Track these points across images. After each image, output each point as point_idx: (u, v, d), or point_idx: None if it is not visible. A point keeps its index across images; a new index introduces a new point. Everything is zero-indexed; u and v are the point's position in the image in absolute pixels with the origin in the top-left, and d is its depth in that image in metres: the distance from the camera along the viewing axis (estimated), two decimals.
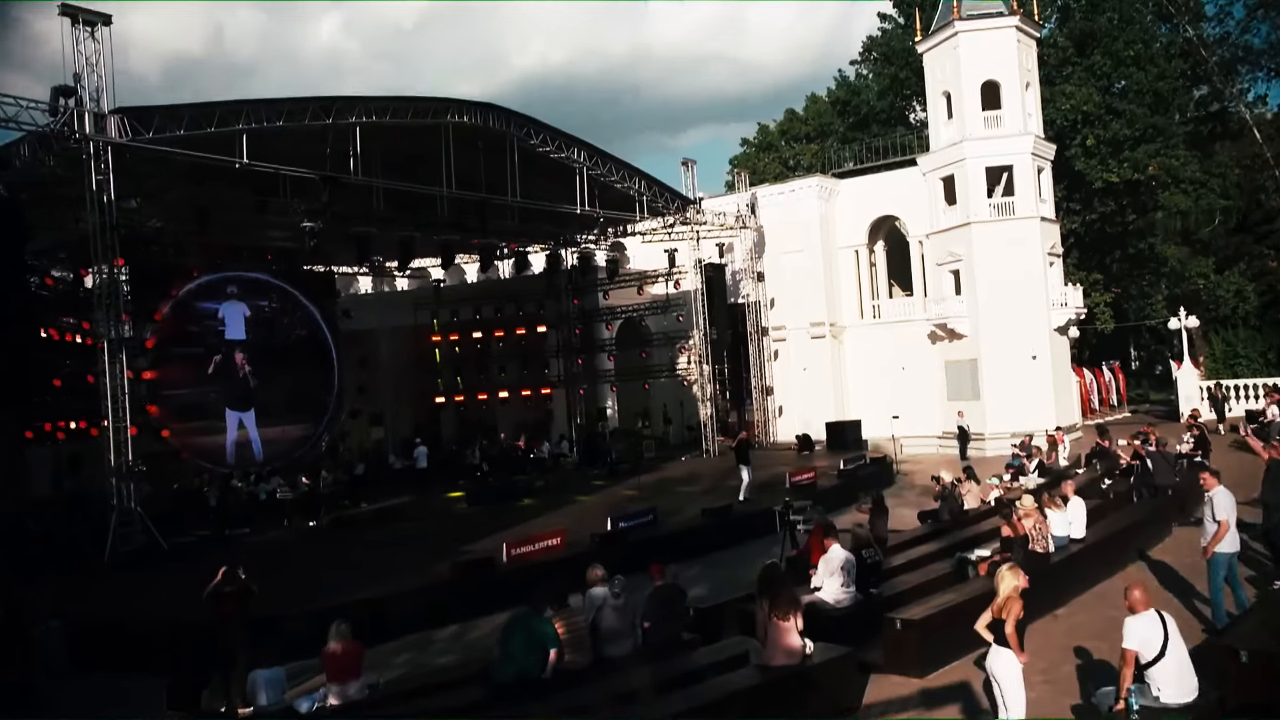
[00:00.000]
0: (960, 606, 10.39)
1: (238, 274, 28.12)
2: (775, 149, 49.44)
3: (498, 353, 33.65)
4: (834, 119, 46.53)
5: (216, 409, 27.22)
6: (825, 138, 45.93)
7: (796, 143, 48.56)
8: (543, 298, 32.91)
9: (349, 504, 24.03)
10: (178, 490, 23.34)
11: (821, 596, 11.10)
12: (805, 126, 48.74)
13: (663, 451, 32.35)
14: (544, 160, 25.42)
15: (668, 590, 10.61)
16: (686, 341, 32.77)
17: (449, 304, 33.92)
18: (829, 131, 46.43)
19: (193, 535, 20.21)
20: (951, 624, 10.09)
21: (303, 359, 29.42)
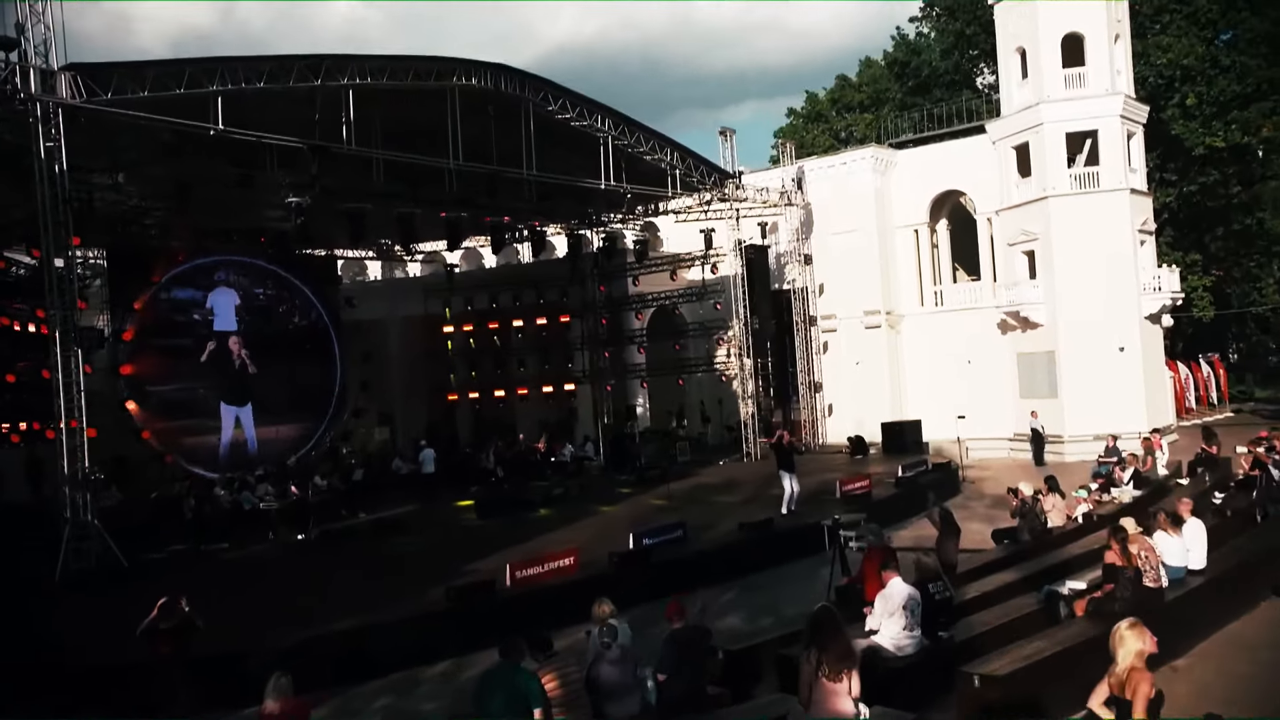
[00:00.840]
0: (1054, 659, 8.81)
1: (227, 258, 27.54)
2: (825, 120, 47.62)
3: (516, 345, 32.75)
4: (891, 84, 44.62)
5: (207, 405, 26.64)
6: (881, 105, 44.05)
7: (849, 112, 46.70)
8: (566, 284, 31.87)
9: (345, 514, 22.84)
10: (156, 499, 22.32)
11: (879, 641, 9.56)
12: (858, 94, 46.83)
13: (698, 454, 31.02)
14: (564, 130, 24.23)
15: (689, 633, 9.15)
16: (725, 332, 31.41)
17: (463, 291, 32.88)
18: (885, 98, 44.55)
19: (165, 551, 19.28)
20: (1043, 680, 8.52)
21: (301, 352, 28.89)
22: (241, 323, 27.69)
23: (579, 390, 32.50)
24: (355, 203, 21.26)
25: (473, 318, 32.47)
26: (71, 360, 16.46)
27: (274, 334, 28.48)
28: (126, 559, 17.31)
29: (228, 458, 26.88)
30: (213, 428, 26.90)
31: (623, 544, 16.14)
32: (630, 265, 31.46)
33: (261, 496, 21.11)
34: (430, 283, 34.44)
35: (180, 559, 18.82)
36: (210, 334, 26.88)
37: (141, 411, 25.05)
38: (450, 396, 32.94)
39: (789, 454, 19.55)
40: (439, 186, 23.06)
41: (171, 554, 19.17)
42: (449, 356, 32.99)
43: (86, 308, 17.71)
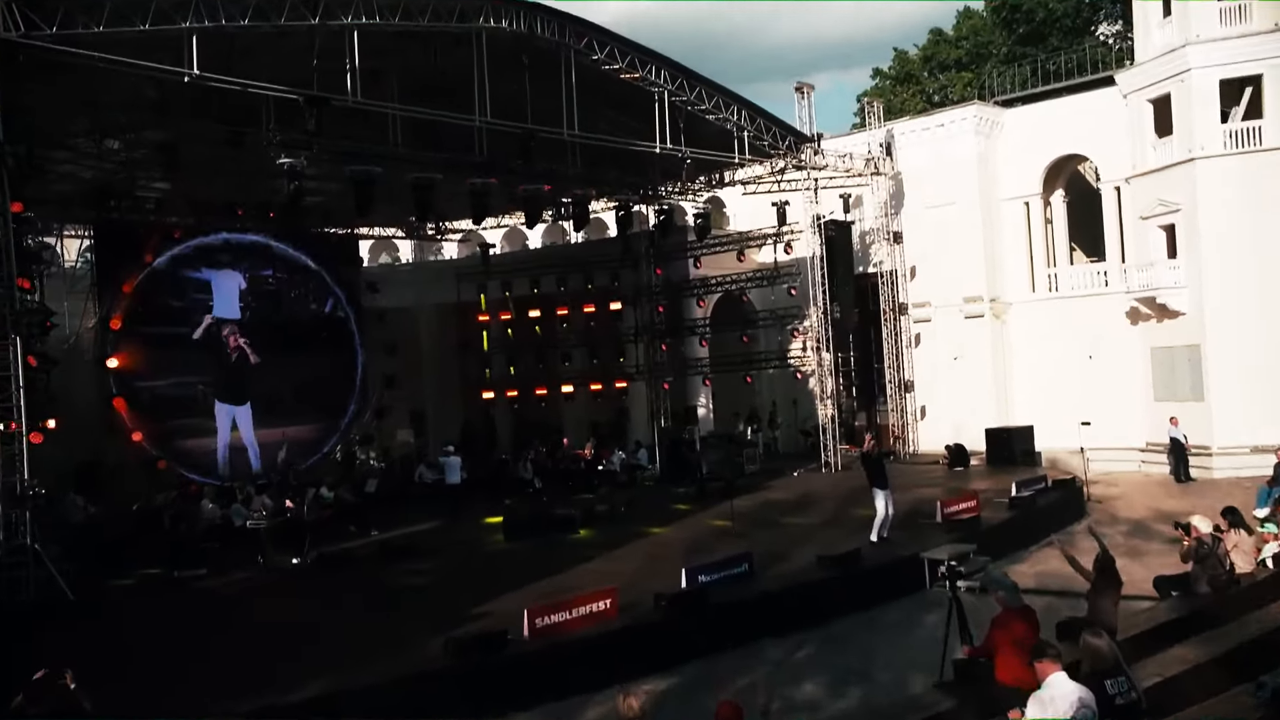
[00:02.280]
0: None
1: (232, 236, 26.02)
2: (915, 80, 44.46)
3: (561, 336, 31.04)
4: (995, 34, 41.26)
5: (207, 404, 25.23)
6: (983, 62, 40.73)
7: (944, 71, 43.43)
8: (617, 266, 29.94)
9: (355, 531, 20.96)
10: (138, 512, 20.77)
11: None
12: (956, 50, 43.52)
13: (769, 463, 28.72)
14: (612, 85, 22.06)
15: None
16: (801, 322, 29.08)
17: (501, 275, 31.19)
18: (987, 53, 41.23)
19: (134, 575, 17.57)
20: None
21: (316, 343, 27.55)
22: (247, 309, 26.26)
23: (631, 388, 30.70)
24: (359, 165, 19.05)
25: (512, 305, 30.94)
26: (10, 349, 14.47)
27: (284, 322, 27.02)
28: (85, 586, 15.58)
29: (227, 464, 25.45)
30: (213, 429, 25.45)
31: (674, 579, 14.08)
32: (691, 245, 29.26)
33: (252, 512, 19.03)
34: (464, 266, 32.95)
35: (148, 587, 17.03)
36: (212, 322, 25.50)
37: (131, 410, 23.62)
38: (486, 394, 31.36)
39: (881, 466, 16.98)
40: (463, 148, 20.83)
41: (141, 580, 17.46)
42: (484, 349, 31.60)
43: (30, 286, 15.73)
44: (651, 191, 27.80)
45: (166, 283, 24.67)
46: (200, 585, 16.85)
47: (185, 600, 15.87)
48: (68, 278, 24.73)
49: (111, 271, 23.66)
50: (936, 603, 14.96)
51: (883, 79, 45.55)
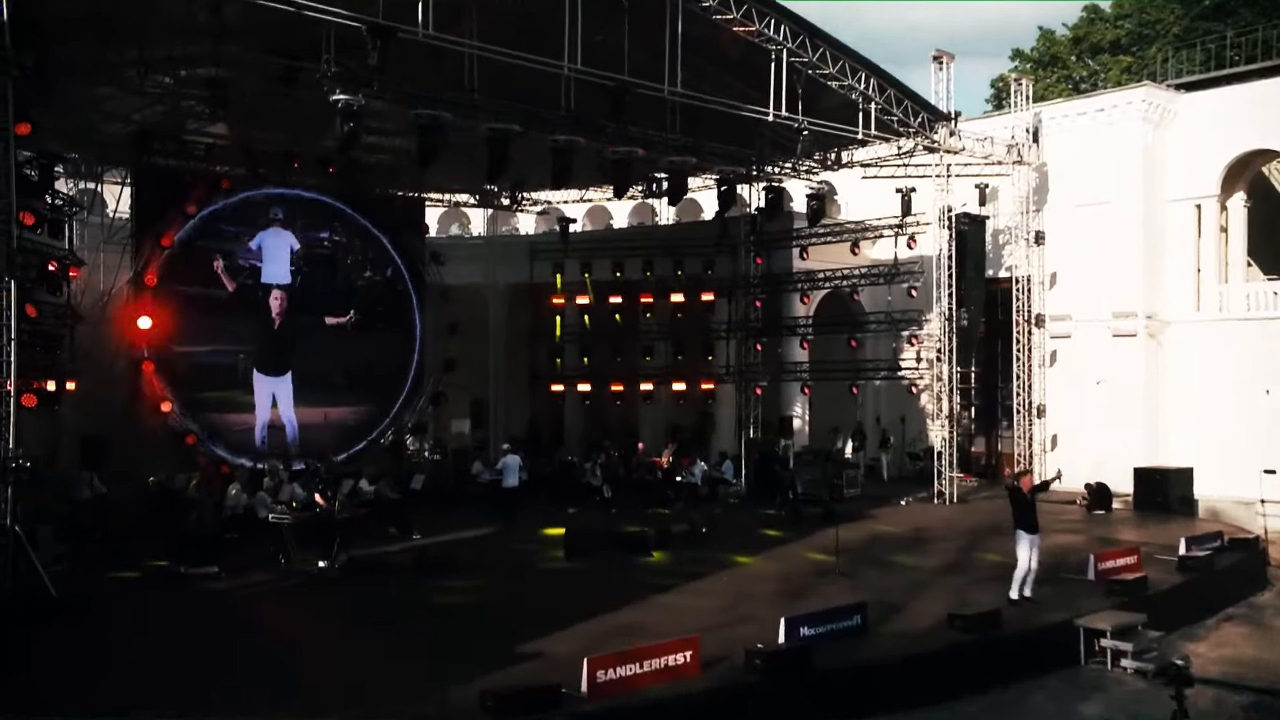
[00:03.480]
0: None
1: (286, 191, 24.69)
2: (1062, 64, 41.26)
3: (644, 327, 29.55)
4: (1167, 10, 37.87)
5: (245, 376, 24.08)
6: (1147, 44, 37.48)
7: (1096, 55, 40.21)
8: (712, 252, 28.21)
9: (395, 533, 19.35)
10: (155, 492, 19.47)
11: None
12: (1114, 31, 40.25)
13: (871, 488, 26.63)
14: (722, 40, 20.30)
15: None
16: (919, 328, 26.60)
17: (580, 255, 29.57)
18: (1155, 33, 37.93)
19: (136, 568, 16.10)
20: None
21: (371, 316, 26.36)
22: (298, 274, 24.89)
23: (719, 391, 28.90)
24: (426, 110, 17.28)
25: (591, 289, 29.46)
26: (4, 294, 12.97)
27: (338, 291, 25.68)
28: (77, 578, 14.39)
29: (266, 444, 24.18)
30: (251, 404, 24.21)
31: (768, 628, 12.14)
32: (798, 232, 27.24)
33: (279, 503, 17.45)
34: (540, 242, 31.48)
35: (149, 583, 15.49)
36: (256, 285, 24.15)
37: (161, 376, 22.35)
38: (555, 387, 30.04)
39: (1032, 508, 14.52)
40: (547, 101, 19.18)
41: (145, 574, 15.96)
42: (556, 337, 30.15)
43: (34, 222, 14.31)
44: (757, 169, 25.61)
45: (211, 238, 23.48)
46: (209, 586, 15.22)
47: (186, 603, 14.23)
48: (106, 228, 23.64)
49: (150, 222, 22.40)
50: (1094, 685, 12.90)
51: (1022, 62, 42.45)
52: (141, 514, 18.68)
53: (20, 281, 13.60)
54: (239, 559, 16.47)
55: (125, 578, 15.65)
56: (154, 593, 14.89)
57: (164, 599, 14.47)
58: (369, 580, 15.73)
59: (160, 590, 14.99)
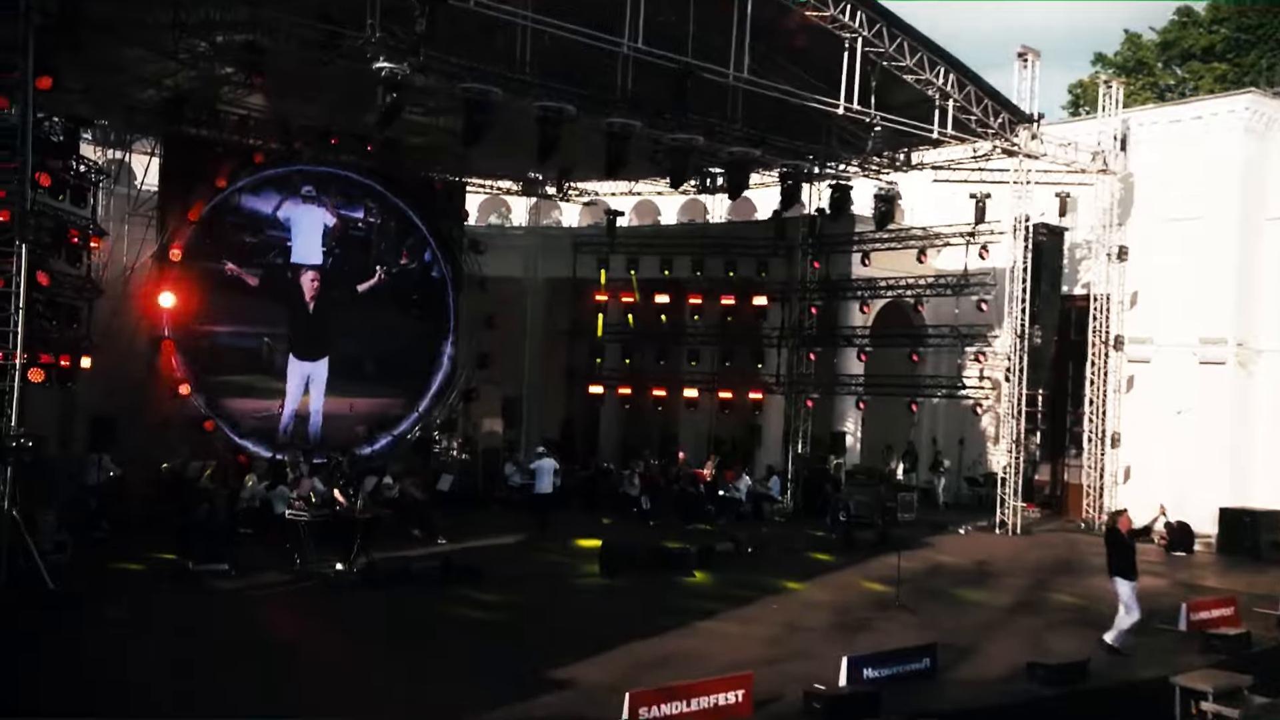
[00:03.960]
0: None
1: (321, 168, 24.13)
2: (1148, 70, 39.75)
3: (690, 329, 28.73)
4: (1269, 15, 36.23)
5: (273, 360, 23.69)
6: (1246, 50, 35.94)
7: (1187, 61, 38.69)
8: (767, 254, 27.40)
9: (419, 535, 18.74)
10: (170, 477, 19.04)
11: None
12: (1208, 36, 38.66)
13: (926, 513, 25.53)
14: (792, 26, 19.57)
15: None
16: (986, 344, 25.46)
17: (627, 250, 28.85)
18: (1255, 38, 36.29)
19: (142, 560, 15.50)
20: None
21: (404, 304, 26.05)
22: (329, 255, 24.43)
23: (767, 402, 27.90)
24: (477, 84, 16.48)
25: (636, 287, 28.80)
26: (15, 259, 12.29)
27: (370, 276, 25.28)
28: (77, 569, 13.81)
29: (291, 434, 23.73)
30: (275, 390, 23.67)
31: (827, 667, 11.28)
32: (860, 236, 26.25)
33: (297, 498, 16.72)
34: (585, 236, 30.78)
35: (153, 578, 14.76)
36: (287, 264, 23.73)
37: (182, 357, 21.82)
38: (594, 388, 29.08)
39: (1132, 551, 13.45)
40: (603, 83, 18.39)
41: (151, 567, 15.32)
42: (598, 335, 29.50)
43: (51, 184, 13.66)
44: (822, 165, 24.60)
45: (240, 213, 23.04)
46: (216, 585, 14.50)
47: (189, 602, 13.53)
48: (132, 199, 23.09)
49: (178, 194, 21.87)
50: None
51: (1105, 66, 41.00)
52: (151, 502, 18.20)
53: (33, 246, 12.86)
54: (251, 556, 15.80)
55: (129, 570, 15.12)
56: (157, 588, 14.24)
57: (166, 596, 13.84)
58: (388, 587, 14.96)
59: (164, 586, 14.34)
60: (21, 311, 12.81)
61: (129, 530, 17.10)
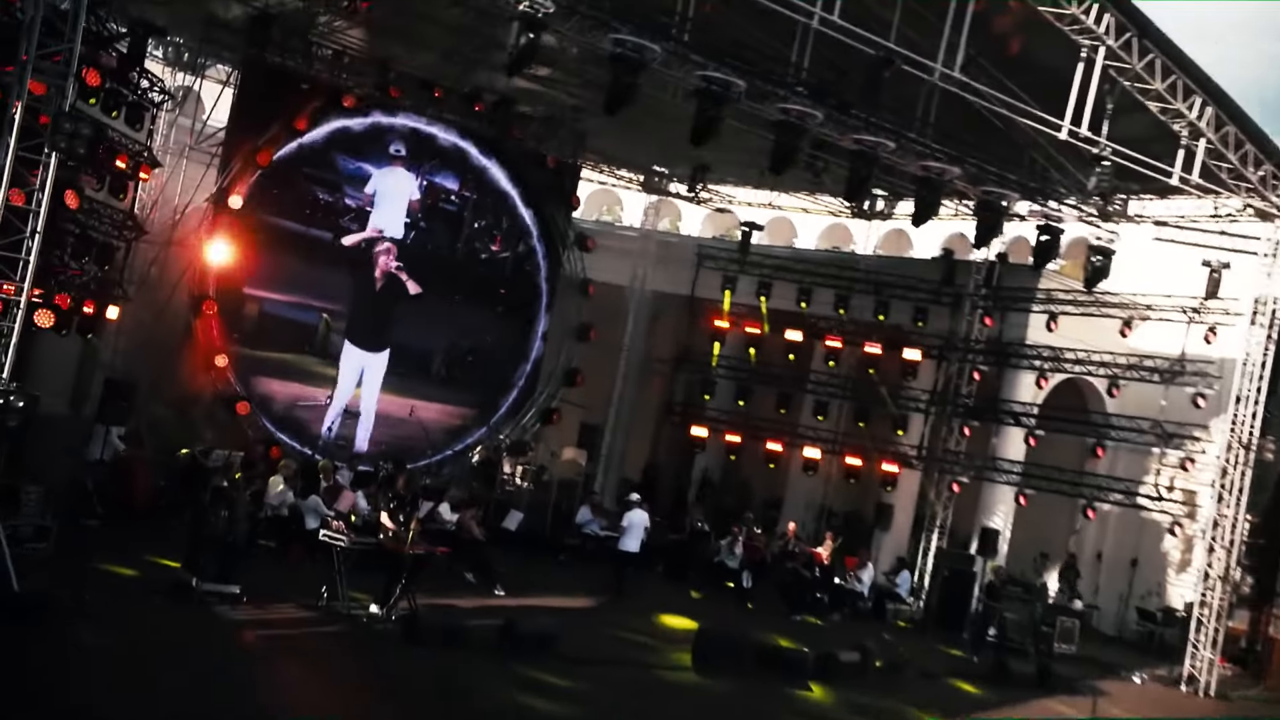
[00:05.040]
0: None
1: (419, 125, 23.23)
2: None
3: (822, 376, 27.36)
4: None
5: (326, 341, 22.67)
6: None
7: None
8: (928, 299, 25.84)
9: (472, 581, 17.49)
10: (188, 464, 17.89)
11: None
12: None
13: (1087, 646, 23.08)
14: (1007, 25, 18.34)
15: None
16: (1194, 444, 23.43)
17: (759, 272, 27.60)
18: None
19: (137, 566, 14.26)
20: None
21: (489, 298, 25.25)
22: (412, 228, 23.38)
23: (903, 477, 25.99)
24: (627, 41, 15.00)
25: (766, 317, 27.51)
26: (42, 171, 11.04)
27: (456, 259, 24.34)
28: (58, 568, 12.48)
29: (334, 433, 22.56)
30: (325, 378, 22.57)
31: None
32: (1049, 293, 24.54)
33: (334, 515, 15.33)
34: (711, 248, 29.46)
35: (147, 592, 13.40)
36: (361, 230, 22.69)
37: (224, 323, 20.75)
38: (696, 430, 27.76)
39: None
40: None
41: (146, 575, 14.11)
42: (711, 365, 28.31)
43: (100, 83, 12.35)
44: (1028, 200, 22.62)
45: (317, 163, 21.93)
46: (221, 613, 13.03)
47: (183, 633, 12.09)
48: (196, 133, 22.53)
49: (250, 131, 20.82)
50: None
51: None
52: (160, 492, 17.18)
53: (65, 158, 11.58)
54: (269, 580, 14.43)
55: (119, 575, 13.78)
56: (148, 604, 12.90)
57: (158, 616, 12.53)
58: (432, 644, 13.36)
59: (157, 603, 12.99)
60: (39, 236, 11.54)
61: (127, 522, 16.03)
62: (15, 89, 11.41)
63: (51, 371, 20.70)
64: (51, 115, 11.16)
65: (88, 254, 16.86)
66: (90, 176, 15.12)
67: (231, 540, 13.62)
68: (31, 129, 11.68)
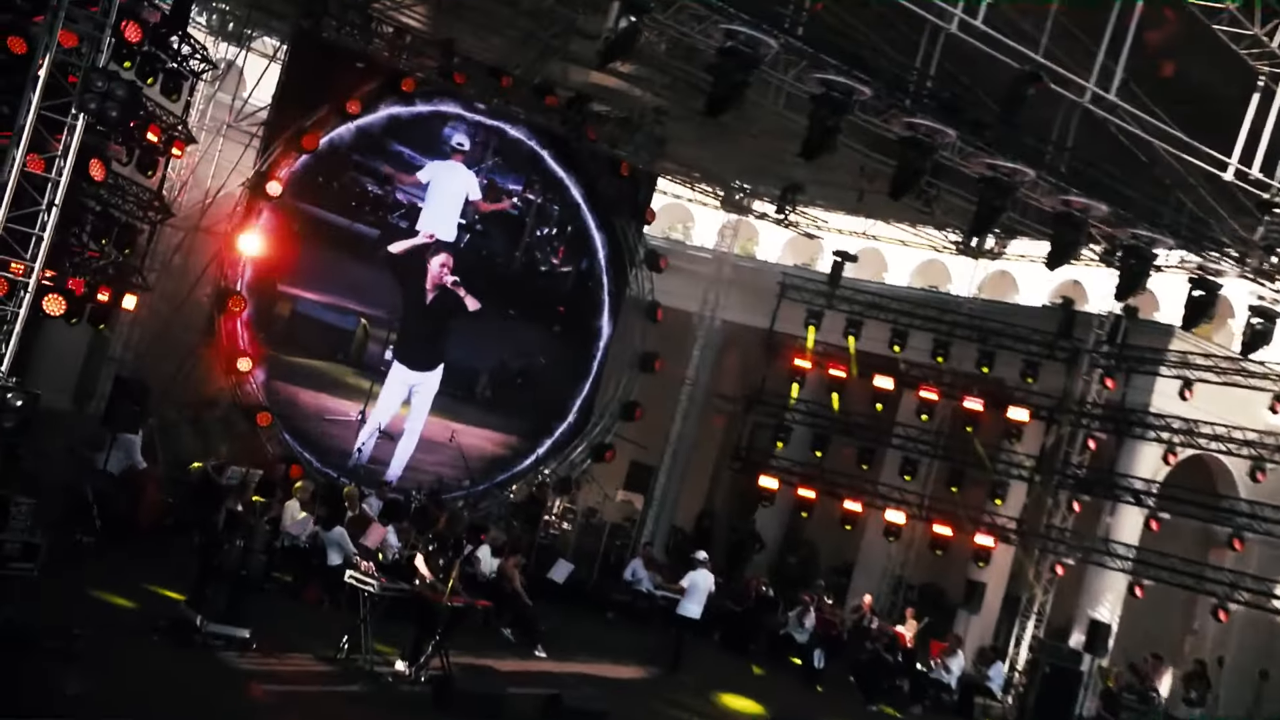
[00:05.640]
0: None
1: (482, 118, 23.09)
2: None
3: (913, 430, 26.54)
4: None
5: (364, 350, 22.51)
6: None
7: None
8: (1040, 353, 24.92)
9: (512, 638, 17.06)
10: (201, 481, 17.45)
11: None
12: None
13: None
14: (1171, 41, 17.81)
15: None
16: None
17: (849, 308, 26.89)
18: None
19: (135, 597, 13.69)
20: None
21: (546, 316, 25.02)
22: (467, 231, 23.12)
23: (997, 551, 25.03)
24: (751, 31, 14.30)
25: (853, 360, 26.76)
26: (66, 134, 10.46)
27: (513, 269, 24.14)
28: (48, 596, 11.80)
29: (366, 455, 22.29)
30: (358, 390, 22.24)
31: None
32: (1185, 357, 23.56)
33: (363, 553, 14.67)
34: (796, 278, 28.64)
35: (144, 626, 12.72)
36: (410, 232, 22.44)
37: (252, 323, 20.50)
38: (766, 481, 26.82)
39: None
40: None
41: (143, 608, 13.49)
42: (785, 409, 27.54)
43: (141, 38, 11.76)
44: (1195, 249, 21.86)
45: (368, 151, 21.84)
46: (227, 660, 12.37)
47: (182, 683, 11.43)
48: (235, 110, 22.54)
49: (297, 111, 20.55)
50: None
51: None
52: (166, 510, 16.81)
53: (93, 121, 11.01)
54: (281, 622, 13.96)
55: (114, 605, 13.22)
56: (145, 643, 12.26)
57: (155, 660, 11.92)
58: (466, 712, 12.68)
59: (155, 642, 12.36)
60: (57, 210, 10.85)
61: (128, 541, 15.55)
62: (44, 39, 10.88)
63: (55, 362, 20.86)
64: (83, 71, 10.56)
65: (107, 235, 16.63)
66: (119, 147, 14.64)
67: (245, 575, 12.93)
68: (58, 87, 11.24)
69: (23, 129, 10.55)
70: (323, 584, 15.84)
